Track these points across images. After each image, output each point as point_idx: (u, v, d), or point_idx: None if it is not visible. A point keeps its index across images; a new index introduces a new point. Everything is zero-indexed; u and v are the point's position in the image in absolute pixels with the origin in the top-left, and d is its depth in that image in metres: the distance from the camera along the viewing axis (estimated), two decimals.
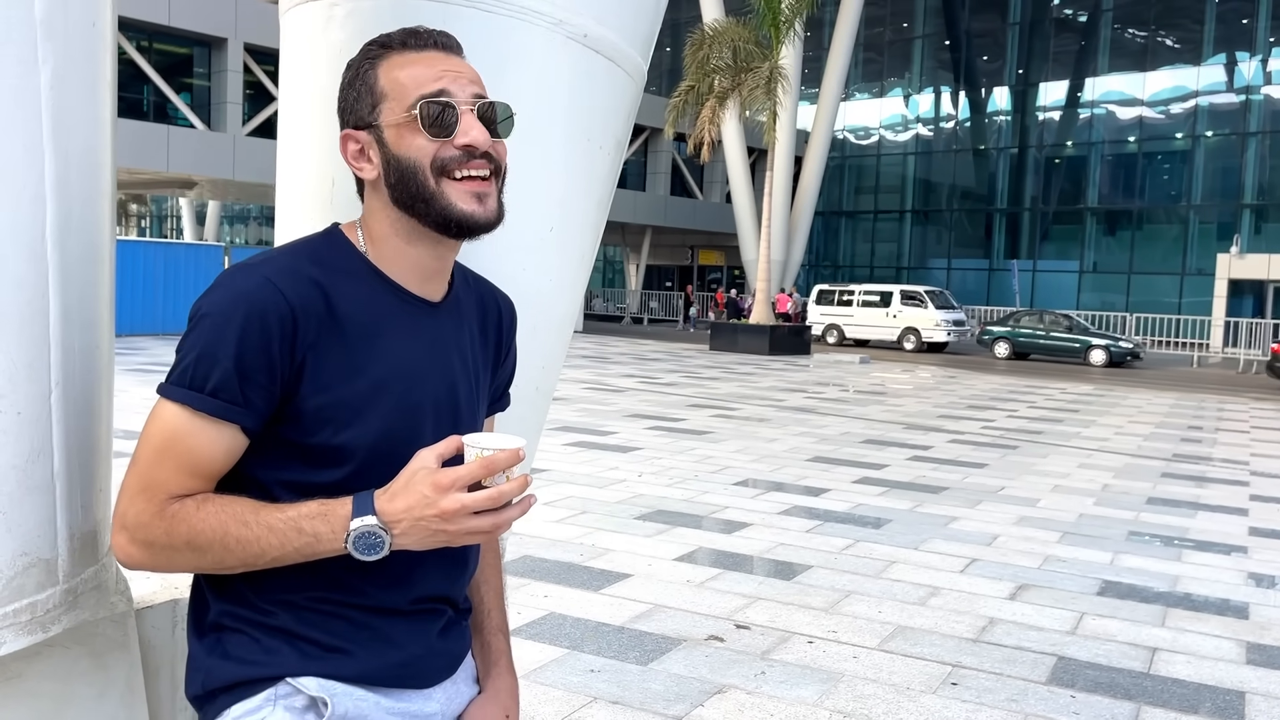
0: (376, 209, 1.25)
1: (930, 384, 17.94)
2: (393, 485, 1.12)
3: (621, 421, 10.99)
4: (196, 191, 33.32)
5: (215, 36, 25.91)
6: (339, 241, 1.26)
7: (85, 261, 1.23)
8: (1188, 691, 4.01)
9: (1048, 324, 26.10)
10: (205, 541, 1.12)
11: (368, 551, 1.11)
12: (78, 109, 1.19)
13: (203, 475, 1.15)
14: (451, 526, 1.10)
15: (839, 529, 6.46)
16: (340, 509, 1.12)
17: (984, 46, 40.79)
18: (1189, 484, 8.72)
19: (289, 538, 1.12)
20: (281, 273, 1.17)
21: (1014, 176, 39.98)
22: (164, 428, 1.14)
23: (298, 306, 1.15)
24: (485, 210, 1.22)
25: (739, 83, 23.21)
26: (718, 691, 3.81)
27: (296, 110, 1.67)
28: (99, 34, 1.22)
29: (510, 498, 1.11)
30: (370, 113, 1.23)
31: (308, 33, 1.62)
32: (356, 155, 1.25)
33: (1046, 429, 12.10)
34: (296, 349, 1.15)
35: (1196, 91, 35.95)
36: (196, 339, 1.14)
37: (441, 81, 1.21)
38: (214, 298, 1.15)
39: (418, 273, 1.26)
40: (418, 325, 1.26)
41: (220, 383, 1.12)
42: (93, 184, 1.24)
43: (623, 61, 1.70)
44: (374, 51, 1.25)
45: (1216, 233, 35.26)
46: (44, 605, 1.21)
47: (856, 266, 43.66)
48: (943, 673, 4.10)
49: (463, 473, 1.10)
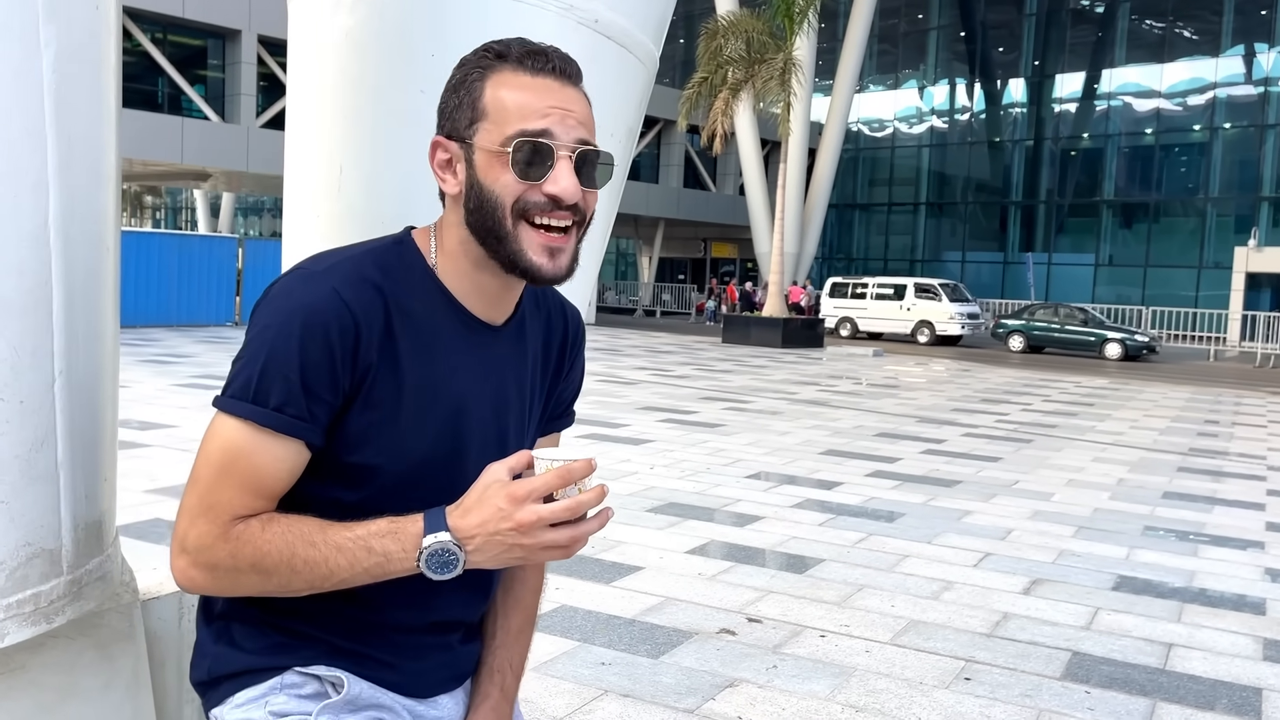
0: (452, 224, 1.20)
1: (944, 377, 17.86)
2: (465, 500, 1.08)
3: (633, 414, 10.97)
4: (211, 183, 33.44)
5: (229, 28, 25.96)
6: (409, 250, 1.21)
7: (89, 248, 1.22)
8: (1204, 688, 3.97)
9: (1063, 317, 25.97)
10: (272, 564, 1.08)
11: (441, 570, 1.06)
12: (81, 93, 1.17)
13: (266, 494, 1.11)
14: (528, 540, 1.05)
15: (851, 522, 6.43)
16: (411, 526, 1.07)
17: (1000, 38, 40.54)
18: (1205, 479, 8.65)
19: (358, 558, 1.07)
20: (347, 282, 1.12)
21: (1029, 169, 39.76)
22: (226, 445, 1.09)
23: (362, 320, 1.11)
24: (554, 266, 1.16)
25: (753, 74, 23.12)
26: (729, 685, 3.79)
27: (305, 96, 1.65)
28: (102, 17, 1.20)
29: (587, 509, 1.07)
30: (467, 127, 1.16)
31: (316, 18, 1.60)
32: (443, 165, 1.19)
33: (1061, 423, 12.03)
34: (358, 363, 1.11)
35: (1215, 83, 35.65)
36: (258, 351, 1.09)
37: (548, 120, 1.13)
38: (275, 306, 1.11)
39: (482, 296, 1.22)
40: (475, 350, 1.22)
41: (286, 398, 1.08)
42: (97, 169, 1.22)
43: (634, 48, 1.68)
44: (487, 60, 1.17)
45: (1234, 225, 34.99)
46: (48, 596, 1.19)
47: (870, 259, 43.51)
48: (956, 667, 4.07)
49: (538, 483, 1.05)
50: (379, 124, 1.50)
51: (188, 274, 20.96)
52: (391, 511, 1.14)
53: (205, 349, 16.28)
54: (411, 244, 1.21)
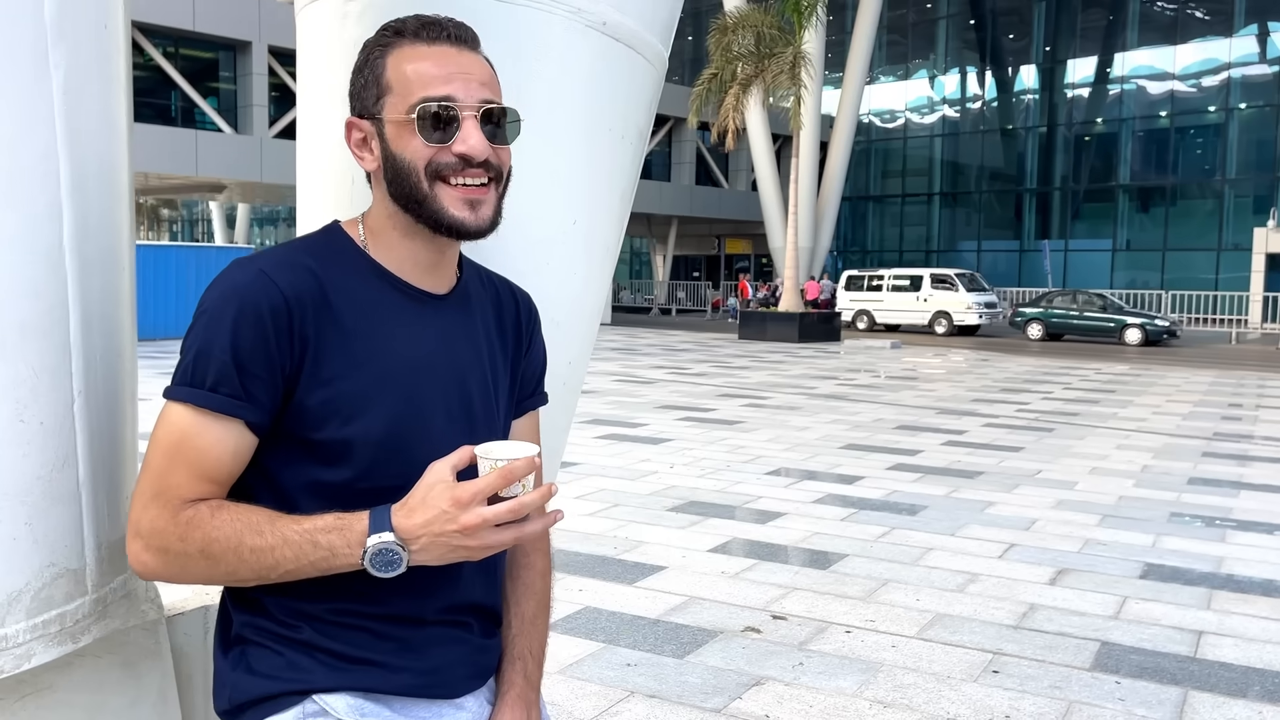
0: (378, 199, 1.25)
1: (963, 368, 17.77)
2: (409, 499, 1.10)
3: (652, 413, 10.97)
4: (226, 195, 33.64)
5: (240, 40, 26.11)
6: (337, 236, 1.25)
7: (104, 268, 1.22)
8: (1235, 675, 3.93)
9: (1081, 304, 25.80)
10: (219, 550, 1.10)
11: (385, 569, 1.09)
12: (92, 114, 1.18)
13: (214, 478, 1.13)
14: (472, 541, 1.07)
15: (874, 516, 6.40)
16: (357, 523, 1.09)
17: (1010, 24, 40.29)
18: (1231, 463, 8.57)
19: (304, 550, 1.09)
20: (277, 265, 1.16)
21: (1043, 156, 39.51)
22: (170, 429, 1.13)
23: (292, 297, 1.14)
24: (477, 218, 1.20)
25: (762, 69, 23.07)
26: (756, 683, 3.78)
27: (315, 109, 1.65)
28: (111, 36, 1.20)
29: (531, 509, 1.09)
30: (375, 103, 1.21)
31: (324, 30, 1.60)
32: (359, 144, 1.24)
33: (1083, 410, 11.94)
34: (294, 340, 1.14)
35: (1229, 63, 35.34)
36: (195, 337, 1.13)
37: (449, 85, 1.18)
38: (210, 294, 1.15)
39: (417, 265, 1.25)
40: (421, 317, 1.24)
41: (219, 377, 1.11)
42: (110, 189, 1.23)
43: (643, 49, 1.67)
44: (386, 38, 1.22)
45: (1253, 206, 34.67)
46: (73, 616, 1.20)
47: (885, 251, 43.35)
48: (983, 660, 4.04)
49: (481, 485, 1.07)
50: None
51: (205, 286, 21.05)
52: (378, 489, 1.16)
53: None
54: (340, 230, 1.25)
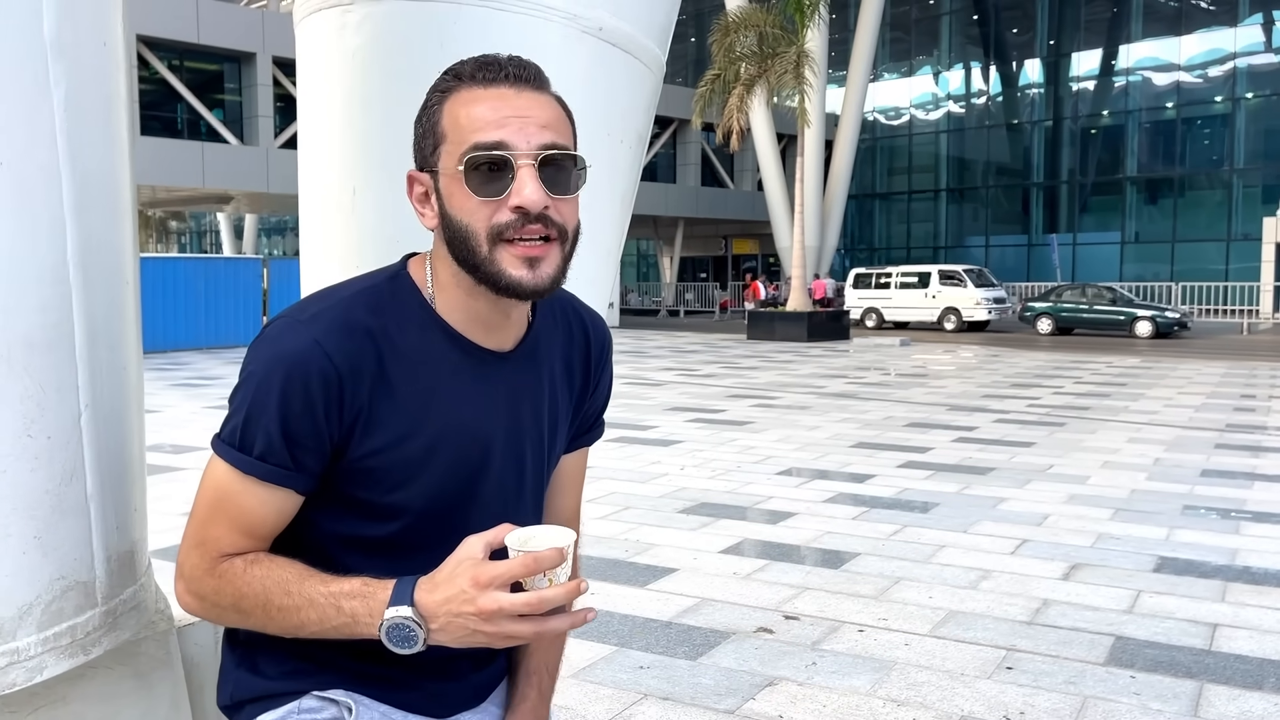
0: (442, 255, 1.16)
1: (973, 364, 17.73)
2: (437, 573, 1.05)
3: (661, 415, 10.97)
4: (233, 206, 33.80)
5: (244, 52, 26.23)
6: (403, 285, 1.18)
7: (109, 282, 1.23)
8: (1250, 668, 3.91)
9: (1091, 297, 25.71)
10: (249, 606, 1.10)
11: (401, 644, 1.04)
12: (94, 129, 1.19)
13: (255, 535, 1.13)
14: (489, 628, 1.02)
15: (886, 514, 6.39)
16: (381, 593, 1.05)
17: (1013, 19, 40.20)
18: (1244, 454, 8.53)
19: (328, 614, 1.07)
20: (331, 331, 1.10)
21: (1050, 149, 39.40)
22: (216, 485, 1.12)
23: (345, 370, 1.10)
24: (535, 277, 1.10)
25: (766, 68, 23.06)
26: (769, 684, 3.78)
27: (315, 120, 1.66)
28: (111, 53, 1.21)
29: (554, 605, 1.02)
30: (431, 154, 1.12)
31: (323, 40, 1.61)
32: (421, 199, 1.16)
33: (1094, 404, 11.90)
34: (345, 413, 1.11)
35: (1234, 53, 35.18)
36: (243, 399, 1.10)
37: (502, 129, 1.07)
38: (260, 354, 1.11)
39: (483, 325, 1.18)
40: (482, 379, 1.19)
41: (267, 448, 1.09)
42: (113, 204, 1.24)
43: (640, 53, 1.67)
44: (446, 82, 1.14)
45: (1261, 196, 34.50)
46: (84, 628, 1.21)
47: (893, 248, 43.28)
48: (997, 657, 4.03)
49: (503, 569, 1.01)
50: (389, 144, 1.50)
51: (214, 296, 21.17)
52: (421, 544, 1.15)
53: (234, 370, 16.25)
54: (407, 278, 1.18)
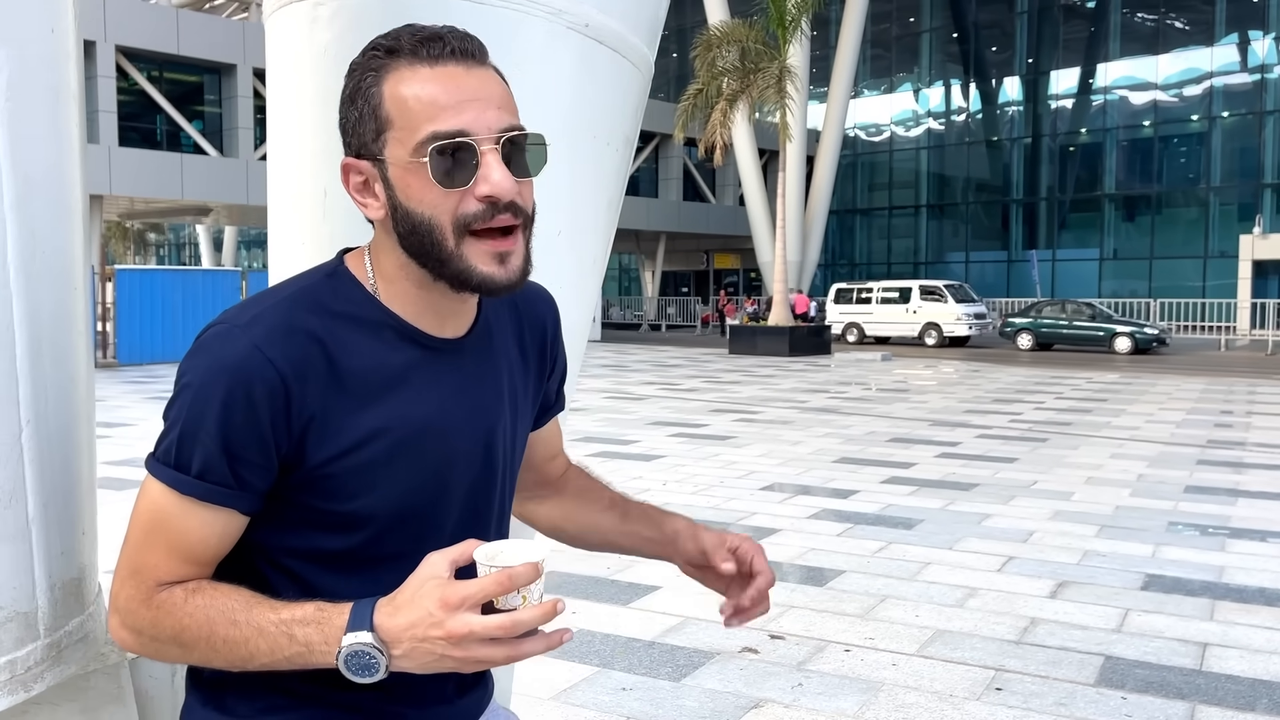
0: (386, 247, 1.08)
1: (954, 379, 17.74)
2: (398, 595, 0.96)
3: (643, 430, 10.88)
4: (212, 218, 33.54)
5: (224, 63, 26.05)
6: (344, 280, 1.09)
7: (54, 288, 1.14)
8: (1242, 688, 3.85)
9: (1070, 313, 25.84)
10: (191, 638, 1.00)
11: (361, 673, 0.95)
12: (39, 121, 1.10)
13: (196, 560, 1.03)
14: (458, 652, 0.93)
15: (870, 531, 6.32)
16: (337, 618, 0.96)
17: (993, 37, 40.54)
18: (1227, 470, 8.53)
19: (279, 644, 0.98)
20: (271, 335, 1.00)
21: (1029, 166, 39.69)
22: (151, 507, 1.02)
23: (290, 374, 1.00)
24: (507, 272, 1.04)
25: (748, 83, 23.11)
26: (754, 706, 3.69)
27: (284, 118, 1.58)
28: (59, 40, 1.13)
29: (529, 628, 0.94)
30: (374, 140, 1.03)
31: (293, 35, 1.52)
32: (360, 189, 1.06)
33: (1075, 420, 11.90)
34: (293, 420, 1.01)
35: (1211, 72, 35.60)
36: (179, 412, 1.01)
37: (461, 115, 1.00)
38: (195, 363, 1.01)
39: (434, 314, 1.10)
40: (439, 370, 1.11)
41: (206, 465, 0.99)
42: (59, 203, 1.14)
43: (628, 52, 1.60)
44: (378, 59, 1.04)
45: (1238, 214, 34.88)
46: (24, 663, 1.11)
47: (873, 264, 43.44)
48: (986, 677, 3.96)
49: (473, 589, 0.93)
50: None
51: (191, 309, 20.93)
52: (390, 554, 1.07)
53: None
54: (346, 273, 1.10)
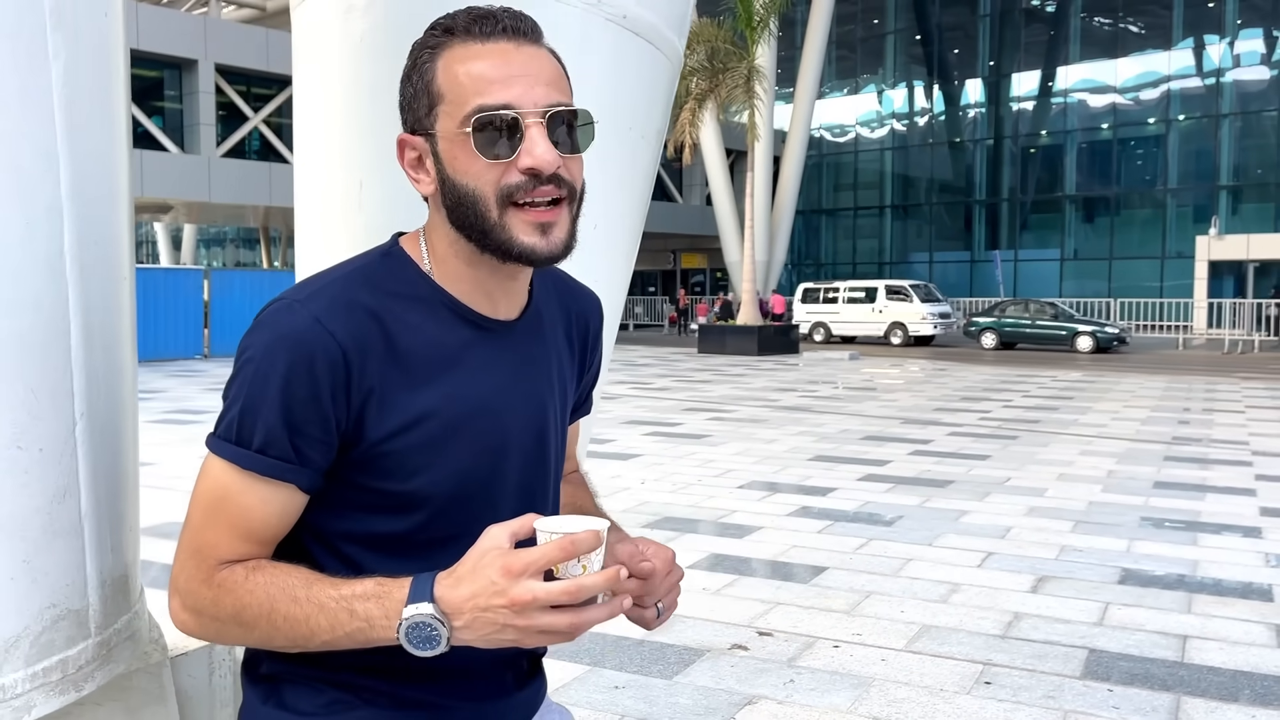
0: (437, 224, 1.10)
1: (921, 377, 17.90)
2: (459, 568, 0.96)
3: (618, 429, 10.87)
4: (172, 215, 33.04)
5: (185, 58, 25.69)
6: (399, 260, 1.10)
7: (106, 277, 1.12)
8: (1224, 679, 3.92)
9: (1033, 313, 26.17)
10: (251, 617, 0.99)
11: (422, 645, 0.95)
12: (92, 108, 1.07)
13: (257, 539, 1.02)
14: (521, 621, 0.93)
15: (850, 528, 6.36)
16: (397, 591, 0.96)
17: (955, 40, 40.96)
18: (1193, 466, 8.68)
19: (340, 620, 0.97)
20: (332, 308, 1.02)
21: (991, 168, 40.14)
22: (213, 486, 1.02)
23: (350, 348, 1.01)
24: (549, 243, 1.05)
25: (717, 83, 23.17)
26: (748, 703, 3.70)
27: (314, 110, 1.55)
28: (111, 25, 1.10)
29: (592, 594, 0.94)
30: (427, 115, 1.06)
31: (325, 25, 1.50)
32: (414, 164, 1.08)
33: (1043, 417, 12.05)
34: (353, 394, 1.01)
35: (1168, 76, 36.20)
36: (240, 388, 1.00)
37: (509, 89, 1.02)
38: (256, 338, 1.01)
39: (486, 294, 1.11)
40: (494, 351, 1.11)
41: (268, 439, 0.99)
42: (111, 192, 1.12)
43: (661, 44, 1.59)
44: (435, 37, 1.07)
45: (1194, 215, 35.50)
46: (76, 661, 1.09)
47: (839, 264, 43.72)
48: (974, 671, 4.00)
49: (537, 555, 0.93)
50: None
51: (153, 308, 20.59)
52: (446, 536, 1.06)
53: (177, 383, 16.00)
54: (401, 253, 1.11)
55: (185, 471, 5.82)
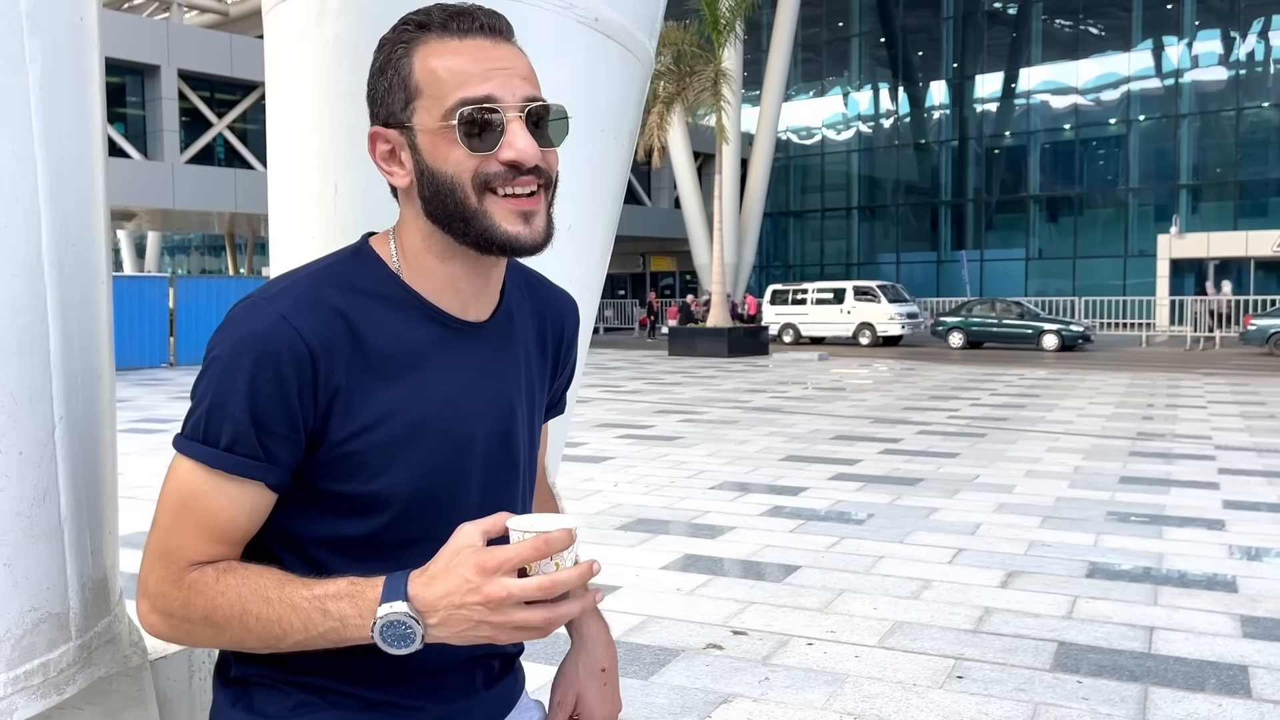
0: (410, 219, 1.10)
1: (890, 377, 18.04)
2: (432, 565, 0.97)
3: (590, 431, 10.88)
4: (135, 223, 32.68)
5: (147, 64, 25.43)
6: (368, 259, 1.11)
7: (83, 280, 1.12)
8: (1190, 669, 3.99)
9: (999, 312, 26.46)
10: (223, 618, 0.99)
11: (397, 643, 0.95)
12: (69, 112, 1.07)
13: (225, 539, 1.02)
14: (496, 618, 0.94)
15: (822, 527, 6.41)
16: (370, 590, 0.96)
17: (919, 42, 41.33)
18: (1158, 461, 8.81)
19: (313, 620, 0.97)
20: (298, 306, 1.02)
21: (956, 169, 40.52)
22: (181, 487, 1.01)
23: (317, 345, 1.01)
24: (531, 231, 1.06)
25: (684, 86, 23.25)
26: (724, 701, 3.72)
27: (288, 114, 1.56)
28: (86, 30, 1.10)
29: (566, 588, 0.96)
30: (403, 109, 1.06)
31: (298, 28, 1.51)
32: (386, 157, 1.09)
33: (1011, 415, 12.19)
34: (320, 392, 1.02)
35: (1128, 77, 36.72)
36: (207, 386, 1.00)
37: (489, 82, 1.04)
38: (223, 337, 1.01)
39: (457, 293, 1.11)
40: (461, 351, 1.12)
41: (235, 437, 0.99)
42: (87, 195, 1.12)
43: (633, 46, 1.61)
44: (408, 33, 1.08)
45: (1155, 214, 36.03)
46: (57, 665, 1.09)
47: (807, 265, 43.96)
48: (947, 666, 4.04)
49: (511, 553, 0.94)
50: None
51: (118, 316, 20.31)
52: (412, 538, 1.07)
53: (142, 392, 15.82)
54: (371, 252, 1.11)
55: (151, 481, 5.76)
